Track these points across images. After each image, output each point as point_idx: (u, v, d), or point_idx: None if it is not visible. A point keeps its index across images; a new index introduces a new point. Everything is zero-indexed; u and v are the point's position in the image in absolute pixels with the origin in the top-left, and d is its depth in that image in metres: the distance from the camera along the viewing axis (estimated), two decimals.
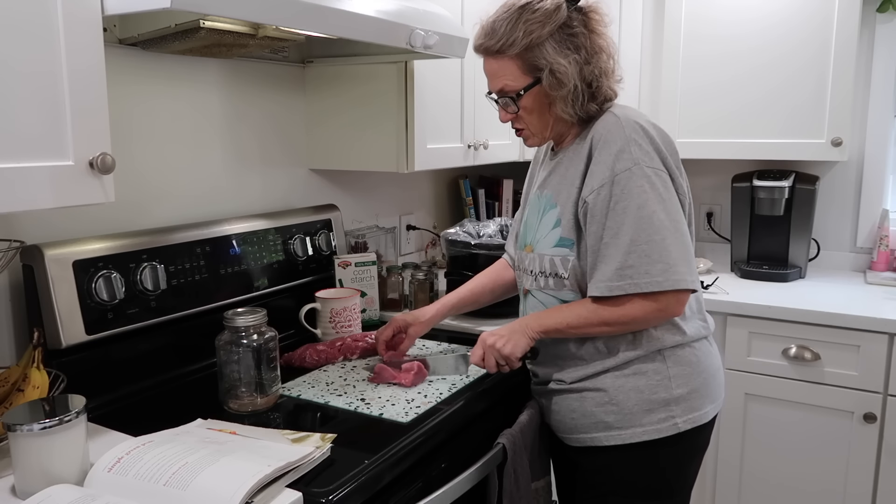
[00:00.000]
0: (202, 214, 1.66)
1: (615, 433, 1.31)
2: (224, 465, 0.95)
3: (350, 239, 2.02)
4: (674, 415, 1.29)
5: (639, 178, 1.22)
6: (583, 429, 1.35)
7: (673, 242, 1.21)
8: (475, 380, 1.45)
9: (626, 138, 1.24)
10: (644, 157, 1.23)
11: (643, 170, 1.22)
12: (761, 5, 2.28)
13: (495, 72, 1.33)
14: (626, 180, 1.22)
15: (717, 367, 1.38)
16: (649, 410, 1.29)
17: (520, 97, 1.31)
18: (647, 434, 1.29)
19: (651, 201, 1.21)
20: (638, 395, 1.29)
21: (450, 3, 1.86)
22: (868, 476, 2.00)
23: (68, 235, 1.35)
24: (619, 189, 1.22)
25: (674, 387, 1.30)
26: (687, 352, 1.32)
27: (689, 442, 1.33)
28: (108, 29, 1.38)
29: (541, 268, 1.37)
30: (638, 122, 1.27)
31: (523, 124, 1.37)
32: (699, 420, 1.32)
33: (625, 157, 1.23)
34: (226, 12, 1.09)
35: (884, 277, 2.33)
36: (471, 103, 2.03)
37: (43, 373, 1.12)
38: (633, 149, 1.23)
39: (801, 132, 2.28)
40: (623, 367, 1.30)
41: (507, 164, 2.49)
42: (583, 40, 1.27)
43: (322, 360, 1.55)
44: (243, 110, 1.75)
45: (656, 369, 1.30)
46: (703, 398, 1.32)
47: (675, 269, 1.21)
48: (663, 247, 1.20)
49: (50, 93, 0.94)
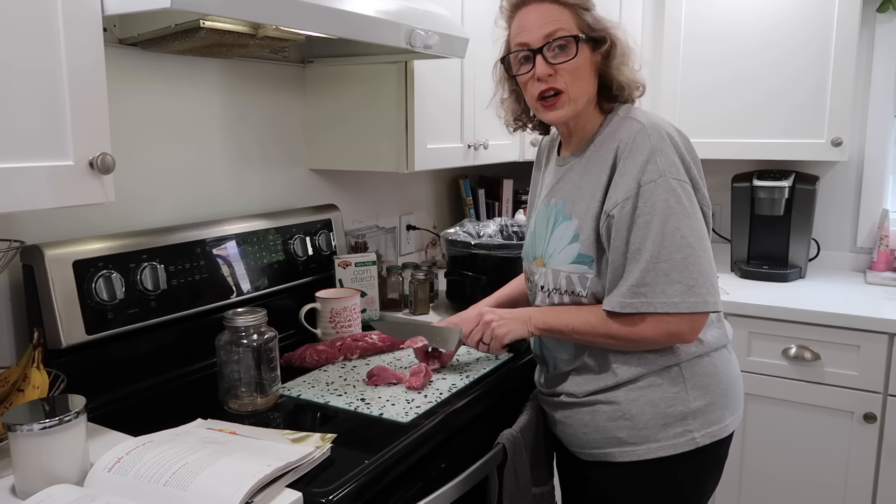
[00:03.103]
0: (202, 214, 1.66)
1: (629, 449, 1.25)
2: (224, 465, 0.95)
3: (350, 239, 2.02)
4: (691, 429, 1.23)
5: (664, 192, 1.16)
6: (595, 444, 1.29)
7: (694, 262, 1.15)
8: (475, 380, 1.45)
9: (652, 148, 1.18)
10: (670, 168, 1.17)
11: (669, 182, 1.16)
12: (761, 5, 2.28)
13: (546, 16, 1.22)
14: (650, 193, 1.16)
15: (736, 376, 1.32)
16: (665, 425, 1.23)
17: (580, 42, 1.21)
18: (663, 450, 1.23)
19: (675, 216, 1.15)
20: (653, 408, 1.23)
21: (450, 3, 1.86)
22: (868, 476, 2.00)
23: (68, 235, 1.35)
24: (643, 202, 1.16)
25: (691, 399, 1.23)
26: (705, 362, 1.25)
27: (708, 456, 1.27)
28: (108, 29, 1.38)
29: (555, 284, 1.30)
30: (664, 129, 1.21)
31: (564, 84, 1.23)
32: (718, 434, 1.25)
33: (650, 169, 1.17)
34: (226, 12, 1.09)
35: (884, 277, 2.33)
36: (471, 103, 2.03)
37: (43, 373, 1.12)
38: (659, 159, 1.17)
39: (802, 132, 2.28)
40: (637, 379, 1.24)
41: (508, 164, 2.49)
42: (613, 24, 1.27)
43: (322, 360, 1.55)
44: (243, 110, 1.75)
45: (672, 381, 1.23)
46: (722, 410, 1.26)
47: (695, 290, 1.15)
48: (684, 266, 1.15)
49: (50, 92, 0.94)
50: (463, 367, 1.52)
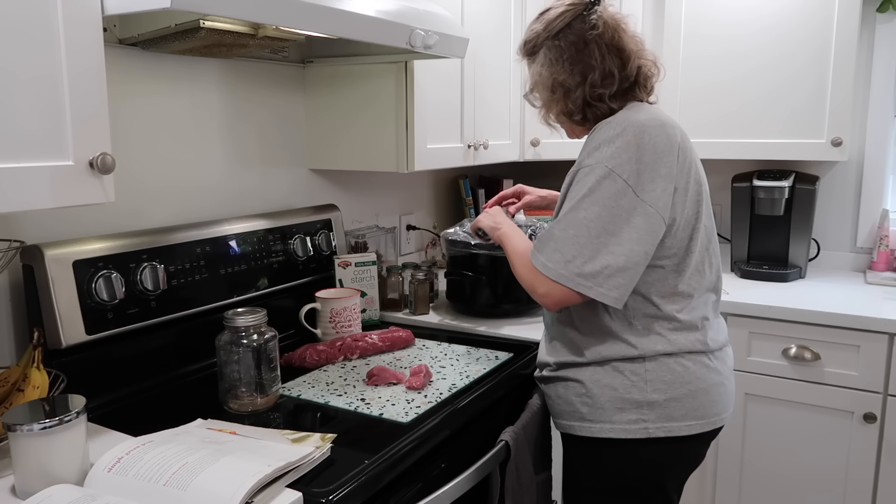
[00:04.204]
0: (202, 214, 1.66)
1: (587, 425, 1.33)
2: (224, 465, 0.95)
3: (350, 239, 2.02)
4: (645, 419, 1.28)
5: (594, 176, 1.23)
6: (565, 415, 1.38)
7: (583, 243, 1.22)
8: (475, 380, 1.45)
9: (606, 138, 1.25)
10: (609, 160, 1.22)
11: (603, 169, 1.23)
12: (761, 5, 2.28)
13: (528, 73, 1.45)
14: (584, 175, 1.25)
15: (715, 383, 1.32)
16: (620, 409, 1.29)
17: (530, 95, 1.43)
18: (615, 432, 1.30)
19: (588, 199, 1.23)
20: (612, 392, 1.30)
21: (450, 3, 1.86)
22: (868, 476, 2.00)
23: (68, 235, 1.35)
24: (576, 181, 1.26)
25: (649, 391, 1.28)
26: (672, 362, 1.29)
27: (664, 451, 1.31)
28: (108, 29, 1.38)
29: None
30: (636, 124, 1.24)
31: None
32: (675, 431, 1.28)
33: (595, 155, 1.24)
34: (226, 12, 1.09)
35: (884, 277, 2.33)
36: (471, 103, 2.03)
37: (43, 373, 1.12)
38: (604, 148, 1.24)
39: (801, 132, 2.28)
40: (602, 363, 1.31)
41: (507, 164, 2.49)
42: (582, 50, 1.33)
43: (322, 360, 1.55)
44: (243, 110, 1.75)
45: (634, 370, 1.29)
46: (685, 410, 1.29)
47: (570, 265, 1.22)
48: (570, 240, 1.23)
49: (50, 93, 0.94)
50: (463, 368, 1.52)
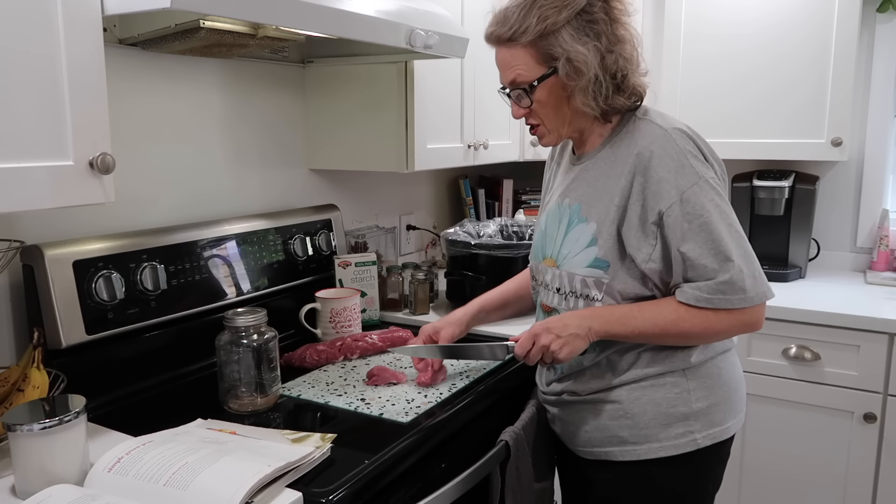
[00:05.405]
0: (202, 214, 1.66)
1: (630, 448, 1.25)
2: (224, 465, 0.95)
3: (350, 239, 2.02)
4: (693, 430, 1.23)
5: (708, 192, 1.17)
6: (596, 442, 1.29)
7: (751, 252, 1.18)
8: (475, 380, 1.45)
9: (681, 151, 1.18)
10: (705, 169, 1.19)
11: (709, 182, 1.18)
12: (761, 5, 2.28)
13: (507, 62, 1.23)
14: (695, 196, 1.16)
15: (739, 378, 1.32)
16: (667, 425, 1.23)
17: (533, 89, 1.22)
18: (664, 450, 1.23)
19: (726, 213, 1.18)
20: (655, 408, 1.23)
21: (450, 3, 1.86)
22: (868, 476, 2.00)
23: (68, 235, 1.35)
24: (690, 207, 1.16)
25: (693, 400, 1.24)
26: (709, 364, 1.26)
27: (710, 457, 1.27)
28: (108, 29, 1.38)
29: (571, 288, 1.27)
30: (684, 131, 1.22)
31: (538, 119, 1.27)
32: (720, 436, 1.26)
33: (687, 172, 1.17)
34: (226, 12, 1.09)
35: (884, 277, 2.33)
36: (471, 103, 2.03)
37: (43, 373, 1.12)
38: (692, 162, 1.18)
39: (802, 132, 2.28)
40: (641, 379, 1.24)
41: (508, 164, 2.49)
42: (604, 27, 1.19)
43: (322, 360, 1.55)
44: (243, 110, 1.75)
45: (675, 382, 1.24)
46: (724, 412, 1.26)
47: (759, 280, 1.17)
48: (751, 258, 1.18)
49: (50, 93, 0.94)
50: (463, 368, 1.52)
